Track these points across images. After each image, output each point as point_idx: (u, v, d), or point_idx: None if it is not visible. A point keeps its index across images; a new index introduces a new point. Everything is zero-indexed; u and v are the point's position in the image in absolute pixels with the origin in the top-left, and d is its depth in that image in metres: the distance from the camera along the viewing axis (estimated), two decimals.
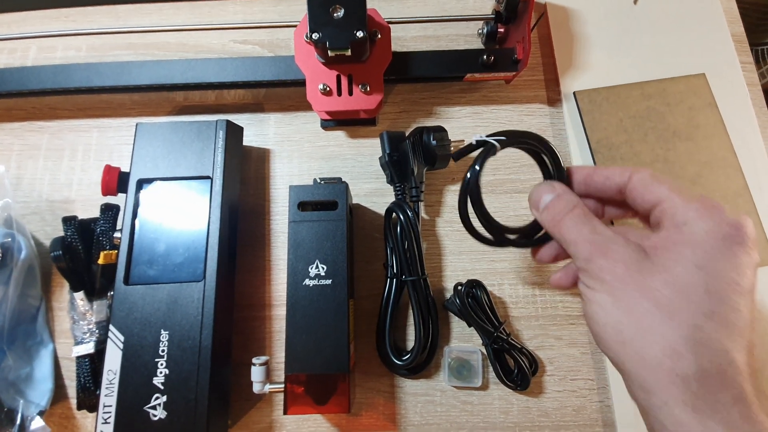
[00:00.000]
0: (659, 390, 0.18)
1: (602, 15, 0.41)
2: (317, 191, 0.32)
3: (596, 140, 0.37)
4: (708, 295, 0.18)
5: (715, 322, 0.18)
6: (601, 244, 0.20)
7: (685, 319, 0.18)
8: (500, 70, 0.36)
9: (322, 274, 0.30)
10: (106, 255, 0.31)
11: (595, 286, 0.20)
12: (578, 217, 0.22)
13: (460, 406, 0.32)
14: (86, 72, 0.36)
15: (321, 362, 0.28)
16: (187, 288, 0.30)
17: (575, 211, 0.22)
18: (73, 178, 0.37)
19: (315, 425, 0.32)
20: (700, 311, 0.18)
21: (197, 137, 0.33)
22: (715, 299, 0.18)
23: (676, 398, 0.17)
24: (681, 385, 0.17)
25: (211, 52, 0.40)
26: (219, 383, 0.29)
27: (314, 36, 0.31)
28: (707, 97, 0.38)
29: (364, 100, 0.34)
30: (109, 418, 0.27)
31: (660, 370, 0.18)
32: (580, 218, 0.22)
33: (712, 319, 0.18)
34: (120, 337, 0.29)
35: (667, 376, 0.17)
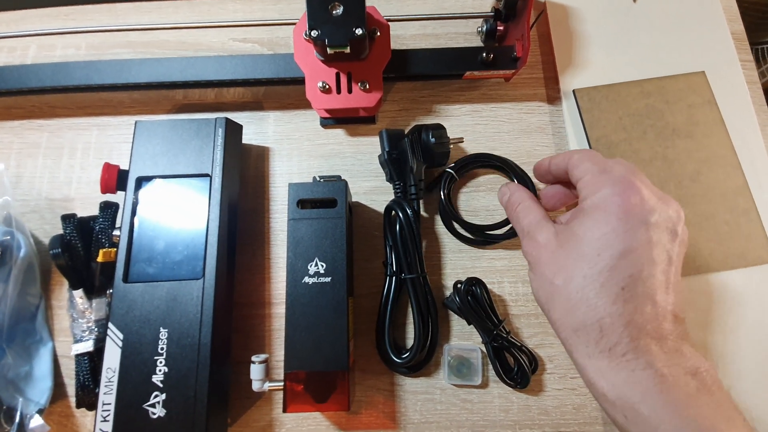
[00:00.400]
0: (582, 342, 0.21)
1: (602, 13, 0.41)
2: (317, 189, 0.32)
3: (596, 138, 0.37)
4: (622, 257, 0.20)
5: (622, 268, 0.20)
6: (530, 232, 0.25)
7: (598, 268, 0.21)
8: (500, 68, 0.36)
9: (321, 272, 0.30)
10: (105, 253, 0.31)
11: (530, 273, 0.24)
12: (521, 211, 0.26)
13: (460, 404, 0.32)
14: (86, 70, 0.36)
15: (320, 360, 0.28)
16: (186, 286, 0.30)
17: (519, 207, 0.27)
18: (72, 176, 0.37)
19: (314, 423, 0.32)
20: (616, 270, 0.20)
21: (196, 135, 0.33)
22: (625, 258, 0.20)
23: (597, 346, 0.20)
24: (600, 334, 0.20)
25: (211, 51, 0.40)
26: (218, 381, 0.29)
27: (313, 33, 0.31)
28: (707, 95, 0.38)
29: (363, 98, 0.34)
30: (108, 416, 0.27)
31: (583, 332, 0.21)
32: (522, 212, 0.26)
33: (618, 266, 0.20)
34: (119, 335, 0.29)
35: (589, 331, 0.21)
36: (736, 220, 0.35)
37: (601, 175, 0.22)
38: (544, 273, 0.23)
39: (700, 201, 0.35)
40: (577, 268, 0.21)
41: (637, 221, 0.21)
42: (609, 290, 0.20)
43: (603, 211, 0.21)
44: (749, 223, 0.35)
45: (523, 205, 0.26)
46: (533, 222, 0.25)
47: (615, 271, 0.20)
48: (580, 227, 0.22)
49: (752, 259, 0.34)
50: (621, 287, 0.20)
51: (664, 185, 0.36)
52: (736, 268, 0.34)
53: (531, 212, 0.26)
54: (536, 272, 0.24)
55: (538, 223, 0.25)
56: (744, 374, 0.32)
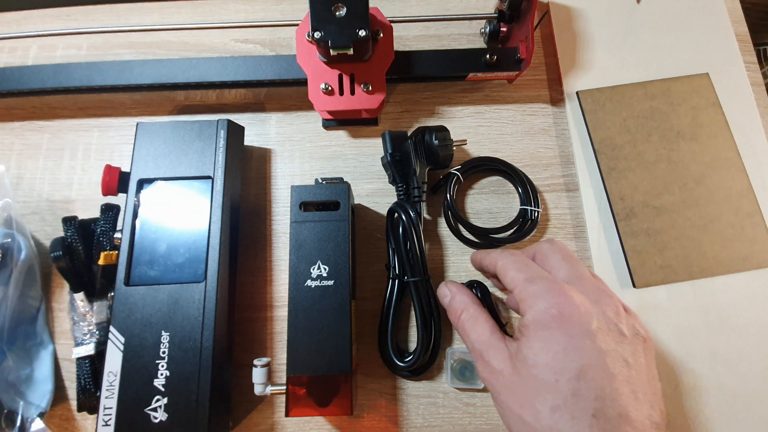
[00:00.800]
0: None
1: (605, 14, 0.40)
2: (319, 191, 0.32)
3: (599, 140, 0.37)
4: (580, 377, 0.20)
5: (593, 396, 0.19)
6: (482, 354, 0.23)
7: (572, 412, 0.19)
8: (503, 70, 0.35)
9: (324, 275, 0.30)
10: (106, 255, 0.31)
11: (492, 397, 0.23)
12: (465, 322, 0.25)
13: (463, 408, 0.32)
14: (87, 71, 0.36)
15: (323, 364, 0.28)
16: (188, 289, 0.29)
17: (463, 316, 0.25)
18: (73, 178, 0.37)
19: (317, 427, 0.32)
20: (580, 397, 0.19)
21: (198, 137, 0.33)
22: (584, 378, 0.19)
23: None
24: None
25: (213, 51, 0.40)
26: (220, 385, 0.29)
27: (316, 35, 0.30)
28: (711, 97, 0.38)
29: (366, 100, 0.34)
30: (109, 420, 0.27)
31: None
32: (467, 323, 0.25)
33: (587, 396, 0.19)
34: (120, 339, 0.28)
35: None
36: (740, 223, 0.35)
37: (529, 286, 0.22)
38: (510, 407, 0.21)
39: (704, 204, 0.35)
40: (541, 401, 0.20)
41: (579, 333, 0.20)
42: (581, 421, 0.19)
43: (544, 329, 0.21)
44: (754, 226, 0.35)
45: (467, 314, 0.25)
46: (483, 340, 0.23)
47: (579, 397, 0.19)
48: (529, 351, 0.21)
49: (757, 262, 0.34)
50: (591, 414, 0.19)
51: (669, 188, 0.35)
52: (740, 271, 0.34)
53: (477, 325, 0.24)
54: (501, 404, 0.22)
55: (488, 343, 0.23)
56: (749, 377, 0.32)
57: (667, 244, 0.34)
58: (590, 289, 0.22)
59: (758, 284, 0.34)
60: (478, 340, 0.23)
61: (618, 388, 0.19)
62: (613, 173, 0.36)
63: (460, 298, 0.26)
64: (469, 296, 0.26)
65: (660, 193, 0.35)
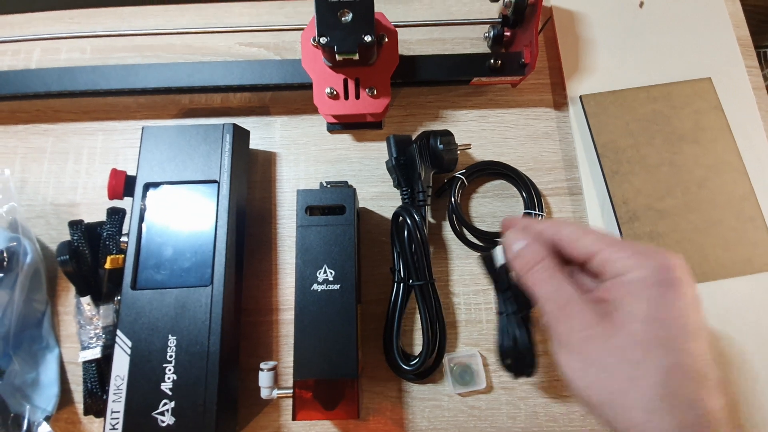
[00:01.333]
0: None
1: (608, 18, 0.41)
2: (325, 195, 0.32)
3: (602, 144, 0.37)
4: (662, 348, 0.18)
5: (677, 375, 0.18)
6: (562, 307, 0.20)
7: (651, 378, 0.18)
8: (507, 74, 0.36)
9: (330, 279, 0.30)
10: (113, 259, 0.31)
11: (562, 351, 0.20)
12: (543, 271, 0.21)
13: (468, 411, 0.32)
14: (91, 75, 0.36)
15: (329, 368, 0.28)
16: (194, 293, 0.30)
17: (541, 264, 0.22)
18: (78, 182, 0.37)
19: (323, 430, 0.32)
20: (661, 367, 0.18)
21: (204, 141, 0.33)
22: (669, 351, 0.18)
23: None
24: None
25: (217, 55, 0.40)
26: (227, 388, 0.29)
27: (322, 40, 0.31)
28: (713, 101, 0.38)
29: (371, 104, 0.34)
30: (117, 424, 0.27)
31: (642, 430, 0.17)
32: (544, 273, 0.21)
33: (673, 373, 0.18)
34: (127, 343, 0.29)
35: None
36: (742, 227, 0.35)
37: (626, 246, 0.20)
38: (602, 365, 0.19)
39: (706, 207, 0.35)
40: (644, 363, 0.18)
41: (690, 302, 0.18)
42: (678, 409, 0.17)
43: (654, 287, 0.18)
44: (756, 229, 0.35)
45: (543, 266, 0.22)
46: (564, 295, 0.20)
47: (684, 369, 0.18)
48: (632, 310, 0.19)
49: (759, 266, 0.34)
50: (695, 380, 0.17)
51: (671, 191, 0.36)
52: (742, 274, 0.34)
53: (555, 279, 0.21)
54: (585, 365, 0.19)
55: (570, 298, 0.20)
56: (752, 380, 0.32)
57: (670, 248, 0.34)
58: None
59: (760, 288, 0.34)
60: (558, 293, 0.21)
61: (710, 377, 0.18)
62: (616, 177, 0.36)
63: (536, 248, 0.22)
64: (547, 250, 0.22)
65: (663, 196, 0.36)
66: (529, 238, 0.23)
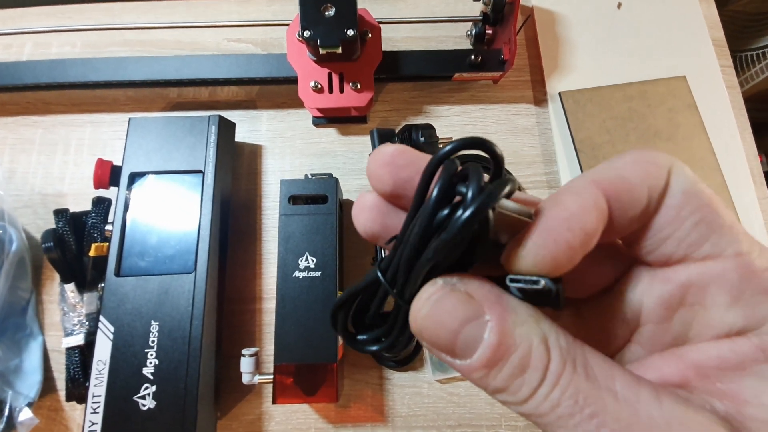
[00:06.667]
0: None
1: (587, 19, 0.42)
2: (308, 185, 0.32)
3: (580, 140, 0.38)
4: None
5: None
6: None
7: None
8: (488, 70, 0.37)
9: (311, 266, 0.30)
10: (97, 247, 0.31)
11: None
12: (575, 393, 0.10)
13: (447, 398, 0.33)
14: (81, 67, 0.37)
15: (310, 353, 0.29)
16: (177, 280, 0.30)
17: (557, 371, 0.10)
18: (66, 173, 0.38)
19: (304, 417, 0.32)
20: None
21: (190, 132, 0.34)
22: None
23: None
24: None
25: (206, 50, 0.41)
26: (208, 374, 0.30)
27: (306, 34, 0.31)
28: (687, 99, 0.39)
29: (354, 98, 0.35)
30: (98, 408, 0.27)
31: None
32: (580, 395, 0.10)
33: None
34: (110, 328, 0.29)
35: None
36: None
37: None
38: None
39: None
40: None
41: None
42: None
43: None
44: None
45: (571, 371, 0.10)
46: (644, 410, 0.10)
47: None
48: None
49: None
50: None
51: None
52: None
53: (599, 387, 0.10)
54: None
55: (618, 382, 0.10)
56: None
57: None
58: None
59: None
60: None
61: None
62: None
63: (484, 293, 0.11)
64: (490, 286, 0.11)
65: None
66: (495, 316, 0.11)
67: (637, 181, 0.11)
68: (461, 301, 0.11)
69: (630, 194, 0.11)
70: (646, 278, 0.12)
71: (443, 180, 0.10)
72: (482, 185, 0.10)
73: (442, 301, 0.11)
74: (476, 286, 0.11)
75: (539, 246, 0.10)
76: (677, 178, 0.11)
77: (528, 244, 0.10)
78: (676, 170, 0.11)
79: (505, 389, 0.10)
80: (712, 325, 0.11)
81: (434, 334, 0.11)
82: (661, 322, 0.12)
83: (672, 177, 0.11)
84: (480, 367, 0.10)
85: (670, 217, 0.11)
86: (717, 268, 0.11)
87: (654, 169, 0.11)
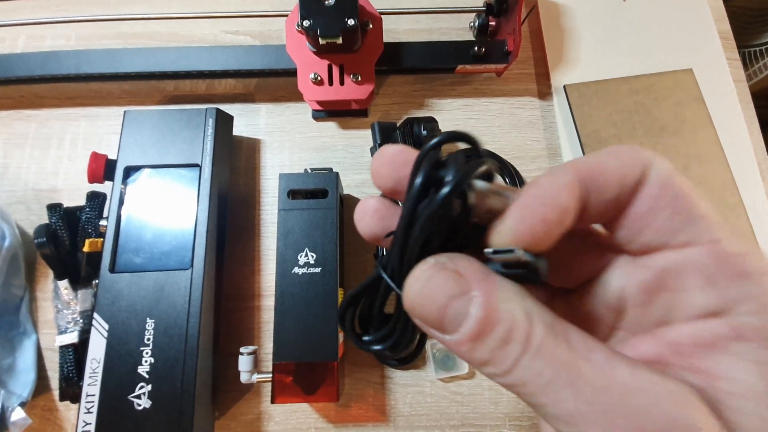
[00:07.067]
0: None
1: (592, 10, 0.41)
2: (307, 179, 0.32)
3: (586, 134, 0.37)
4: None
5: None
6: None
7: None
8: (491, 62, 0.36)
9: (311, 262, 0.30)
10: (91, 243, 0.30)
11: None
12: (547, 354, 0.11)
13: (450, 397, 0.32)
14: (75, 59, 0.36)
15: (309, 350, 0.28)
16: (174, 276, 0.29)
17: (538, 342, 0.11)
18: (60, 167, 0.37)
19: (303, 416, 0.31)
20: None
21: (186, 125, 0.33)
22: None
23: None
24: None
25: (203, 43, 0.40)
26: (205, 373, 0.29)
27: (305, 24, 0.31)
28: (694, 92, 0.38)
29: (355, 90, 0.34)
30: (92, 408, 0.27)
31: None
32: (553, 355, 0.10)
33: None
34: (104, 326, 0.28)
35: None
36: (723, 215, 0.35)
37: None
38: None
39: None
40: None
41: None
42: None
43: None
44: (736, 218, 0.35)
45: (542, 334, 0.11)
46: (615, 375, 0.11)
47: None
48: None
49: None
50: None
51: None
52: None
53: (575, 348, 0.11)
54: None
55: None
56: None
57: None
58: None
59: None
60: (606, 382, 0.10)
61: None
62: None
63: (509, 305, 0.11)
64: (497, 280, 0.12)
65: None
66: (478, 291, 0.11)
67: (611, 167, 0.12)
68: (450, 278, 0.11)
69: (604, 177, 0.12)
70: (627, 266, 0.13)
71: (425, 167, 0.11)
72: (459, 167, 0.11)
73: (432, 278, 0.12)
74: (465, 263, 0.12)
75: (517, 220, 0.11)
76: (656, 170, 0.12)
77: (506, 219, 0.11)
78: (655, 163, 0.12)
79: (491, 361, 0.11)
80: (689, 308, 0.12)
81: (425, 310, 0.12)
82: (643, 307, 0.12)
83: (651, 169, 0.12)
84: (467, 340, 0.11)
85: (648, 207, 0.12)
86: (692, 255, 0.11)
87: (629, 159, 0.12)
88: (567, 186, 0.11)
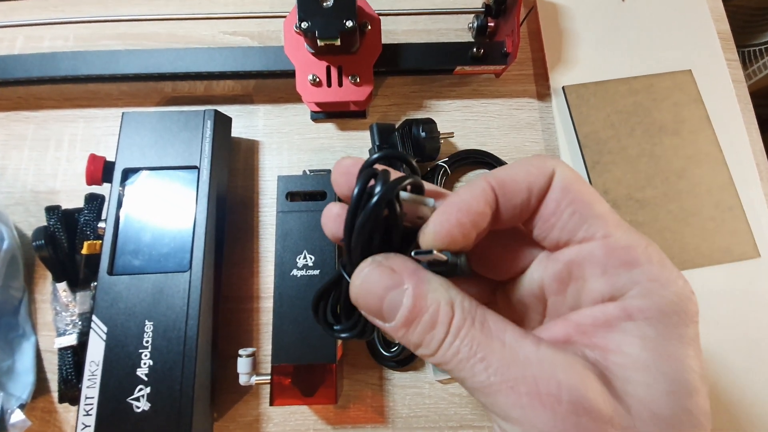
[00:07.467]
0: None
1: (591, 11, 0.41)
2: (306, 181, 0.32)
3: (584, 134, 0.37)
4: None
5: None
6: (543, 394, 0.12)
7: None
8: (490, 63, 0.36)
9: (309, 265, 0.30)
10: (89, 245, 0.30)
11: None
12: (474, 342, 0.12)
13: (449, 398, 0.32)
14: (73, 60, 0.36)
15: (308, 353, 0.28)
16: (173, 278, 0.29)
17: (458, 325, 0.13)
18: (58, 169, 0.37)
19: (302, 418, 0.32)
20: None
21: (185, 127, 0.33)
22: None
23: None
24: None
25: (201, 44, 0.40)
26: (204, 375, 0.29)
27: (303, 25, 0.31)
28: (693, 93, 0.38)
29: (353, 92, 0.34)
30: (91, 410, 0.27)
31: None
32: (478, 342, 0.12)
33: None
34: (103, 328, 0.28)
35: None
36: (721, 216, 0.35)
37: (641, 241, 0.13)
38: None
39: (686, 197, 0.36)
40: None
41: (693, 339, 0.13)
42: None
43: (679, 327, 0.12)
44: (734, 219, 0.35)
45: (470, 324, 0.13)
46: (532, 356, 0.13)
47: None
48: (651, 365, 0.12)
49: (737, 255, 0.35)
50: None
51: (651, 181, 0.36)
52: (721, 263, 0.34)
53: (497, 333, 0.13)
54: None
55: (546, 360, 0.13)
56: (729, 368, 0.32)
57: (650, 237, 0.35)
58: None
59: (738, 276, 0.34)
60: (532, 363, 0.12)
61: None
62: (597, 167, 0.36)
63: (436, 295, 0.13)
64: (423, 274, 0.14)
65: (643, 186, 0.36)
66: (410, 282, 0.13)
67: (519, 177, 0.14)
68: (385, 273, 0.13)
69: (513, 186, 0.14)
70: (545, 261, 0.15)
71: (361, 181, 0.14)
72: (385, 180, 0.13)
73: (371, 274, 0.13)
74: (398, 261, 0.14)
75: (437, 224, 0.13)
76: (558, 177, 0.14)
77: (429, 224, 0.13)
78: (558, 171, 0.14)
79: (422, 343, 0.13)
80: (590, 294, 0.14)
81: (366, 301, 0.14)
82: (558, 295, 0.15)
83: (555, 177, 0.14)
84: (401, 326, 0.13)
85: (553, 209, 0.14)
86: (589, 249, 0.13)
87: (536, 168, 0.14)
88: (480, 194, 0.14)
